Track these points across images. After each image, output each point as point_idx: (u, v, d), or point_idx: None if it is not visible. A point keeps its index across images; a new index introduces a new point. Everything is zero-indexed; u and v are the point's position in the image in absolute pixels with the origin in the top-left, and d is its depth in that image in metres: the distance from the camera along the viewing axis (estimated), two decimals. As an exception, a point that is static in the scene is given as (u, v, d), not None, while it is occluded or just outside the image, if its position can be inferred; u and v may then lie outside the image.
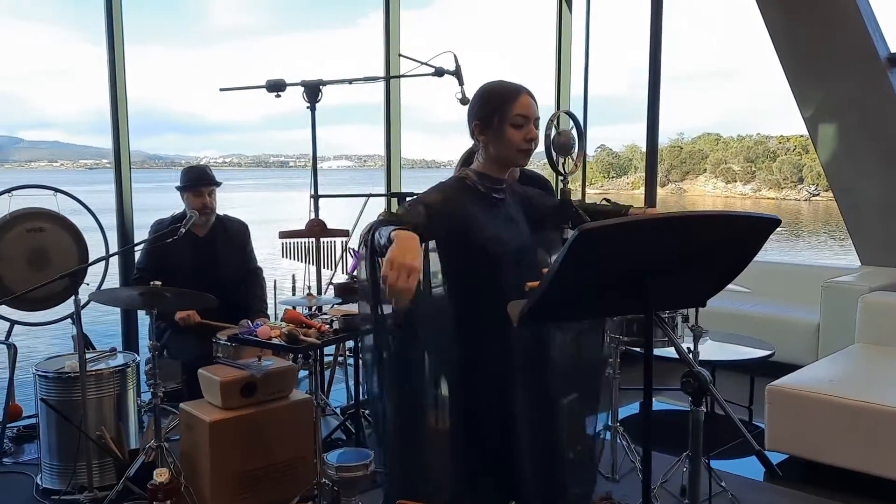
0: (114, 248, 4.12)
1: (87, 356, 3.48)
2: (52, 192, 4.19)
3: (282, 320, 3.02)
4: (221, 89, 4.12)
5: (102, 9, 4.41)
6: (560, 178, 1.89)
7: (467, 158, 2.10)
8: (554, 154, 1.89)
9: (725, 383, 4.91)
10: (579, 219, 1.93)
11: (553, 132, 1.88)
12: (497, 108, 1.97)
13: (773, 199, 42.43)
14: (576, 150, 1.89)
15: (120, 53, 4.43)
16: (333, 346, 4.18)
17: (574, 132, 1.90)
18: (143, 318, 3.60)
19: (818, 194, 39.97)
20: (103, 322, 5.68)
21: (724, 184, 45.79)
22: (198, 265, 3.65)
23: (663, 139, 50.03)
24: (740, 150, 45.69)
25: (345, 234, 3.63)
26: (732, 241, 1.53)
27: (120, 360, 3.49)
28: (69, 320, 4.19)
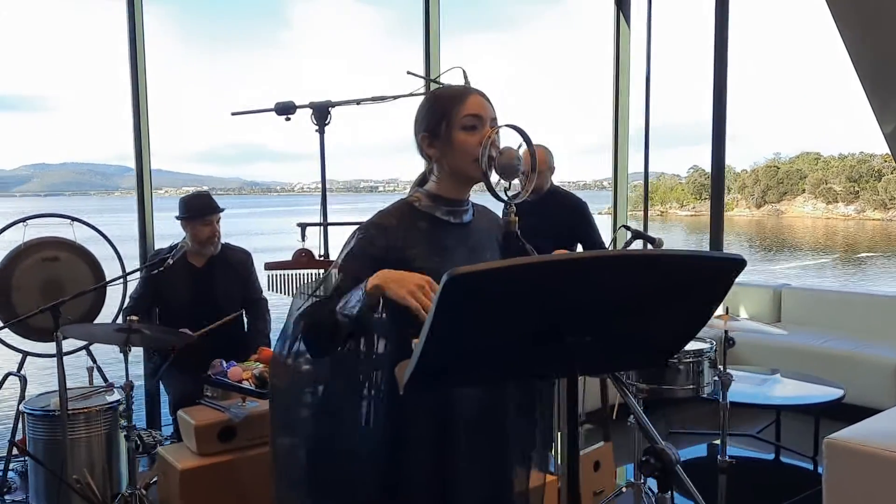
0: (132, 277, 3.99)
1: (81, 392, 3.36)
2: (69, 220, 4.13)
3: (255, 359, 2.78)
4: (233, 113, 3.98)
5: (126, 38, 4.37)
6: (504, 206, 1.57)
7: (421, 181, 1.80)
8: (494, 177, 1.57)
9: (791, 426, 4.42)
10: (525, 255, 1.59)
11: (492, 151, 1.57)
12: (444, 114, 1.68)
13: (878, 220, 40.08)
14: (521, 171, 1.57)
15: (143, 82, 4.36)
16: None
17: (522, 150, 1.58)
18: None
19: (930, 215, 37.54)
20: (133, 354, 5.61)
21: (825, 204, 43.61)
22: (196, 296, 3.47)
23: (759, 158, 48.37)
24: (842, 170, 43.40)
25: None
26: (678, 288, 1.18)
27: (114, 396, 3.33)
28: (83, 352, 4.13)
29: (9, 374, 3.92)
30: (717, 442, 4.62)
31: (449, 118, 1.67)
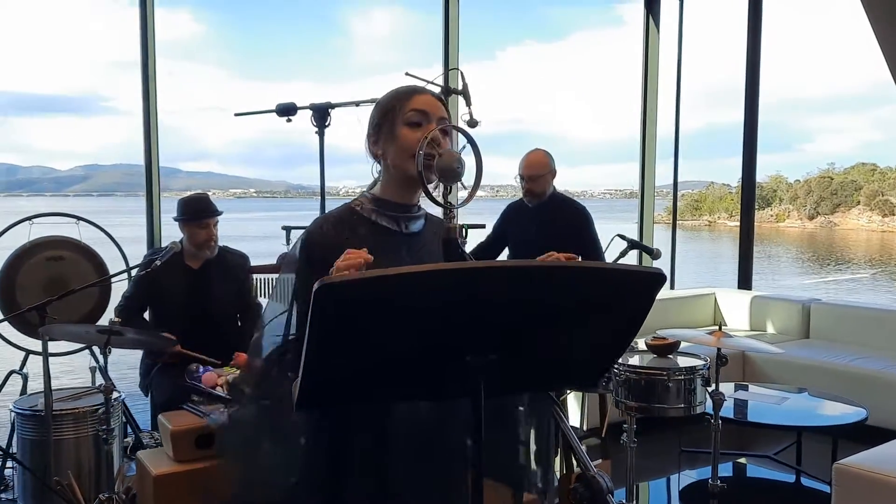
0: (119, 279, 3.99)
1: (72, 393, 3.36)
2: (75, 220, 4.14)
3: (232, 364, 2.73)
4: (237, 114, 3.97)
5: (138, 46, 4.39)
6: (445, 212, 1.47)
7: (372, 187, 1.72)
8: (433, 179, 1.47)
9: (813, 448, 4.20)
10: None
11: (431, 150, 1.47)
12: (390, 110, 1.62)
13: (937, 234, 38.74)
14: (464, 174, 1.47)
15: (153, 85, 4.37)
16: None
17: (466, 154, 1.48)
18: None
19: None
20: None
21: (881, 217, 42.27)
22: (189, 298, 3.43)
23: (812, 168, 47.10)
24: (899, 181, 42.10)
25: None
26: (593, 303, 1.07)
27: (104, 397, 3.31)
28: (87, 351, 4.14)
29: (11, 371, 3.95)
30: (742, 461, 4.47)
31: (394, 113, 1.62)
